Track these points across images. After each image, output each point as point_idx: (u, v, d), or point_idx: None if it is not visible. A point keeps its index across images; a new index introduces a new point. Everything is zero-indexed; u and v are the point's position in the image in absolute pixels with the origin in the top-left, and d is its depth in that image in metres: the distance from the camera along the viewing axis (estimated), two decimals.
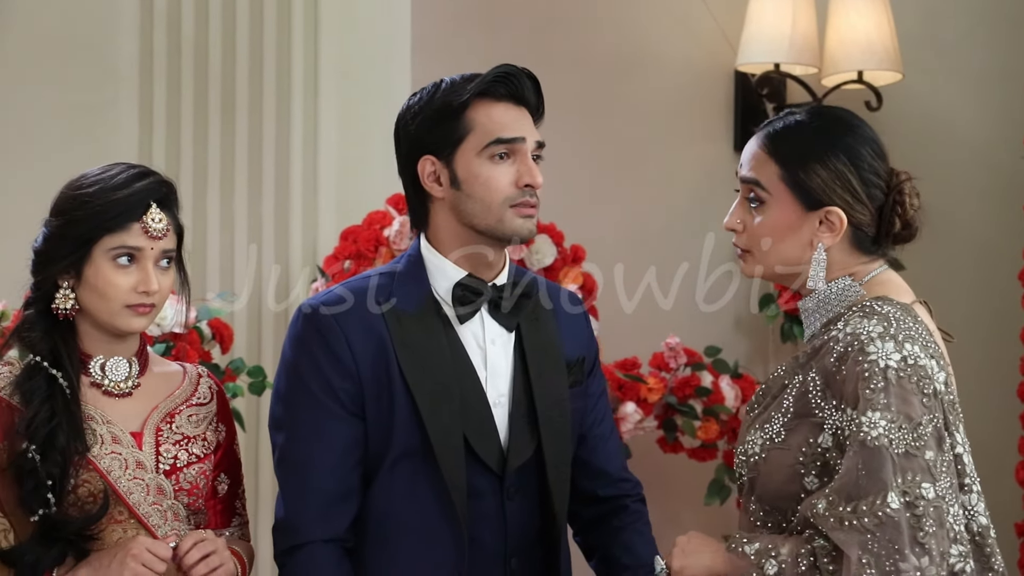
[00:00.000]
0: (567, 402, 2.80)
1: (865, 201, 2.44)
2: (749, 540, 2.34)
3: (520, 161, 2.68)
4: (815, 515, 2.26)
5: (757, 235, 2.50)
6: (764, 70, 4.74)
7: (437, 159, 2.69)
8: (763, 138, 2.51)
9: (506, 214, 2.66)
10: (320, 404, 2.66)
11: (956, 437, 2.32)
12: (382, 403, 2.66)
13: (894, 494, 2.20)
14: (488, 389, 2.72)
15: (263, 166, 4.56)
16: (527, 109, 2.72)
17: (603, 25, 4.86)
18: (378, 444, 2.67)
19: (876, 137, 2.50)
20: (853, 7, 4.69)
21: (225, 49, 4.56)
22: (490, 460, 2.69)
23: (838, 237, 2.44)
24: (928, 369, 2.30)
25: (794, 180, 2.45)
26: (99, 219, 2.58)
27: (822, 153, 2.45)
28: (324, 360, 2.67)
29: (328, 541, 2.65)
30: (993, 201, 4.84)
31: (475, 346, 2.73)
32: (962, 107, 4.96)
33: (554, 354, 2.80)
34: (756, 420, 2.46)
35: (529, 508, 2.74)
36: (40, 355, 2.60)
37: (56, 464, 2.52)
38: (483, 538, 2.68)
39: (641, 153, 4.89)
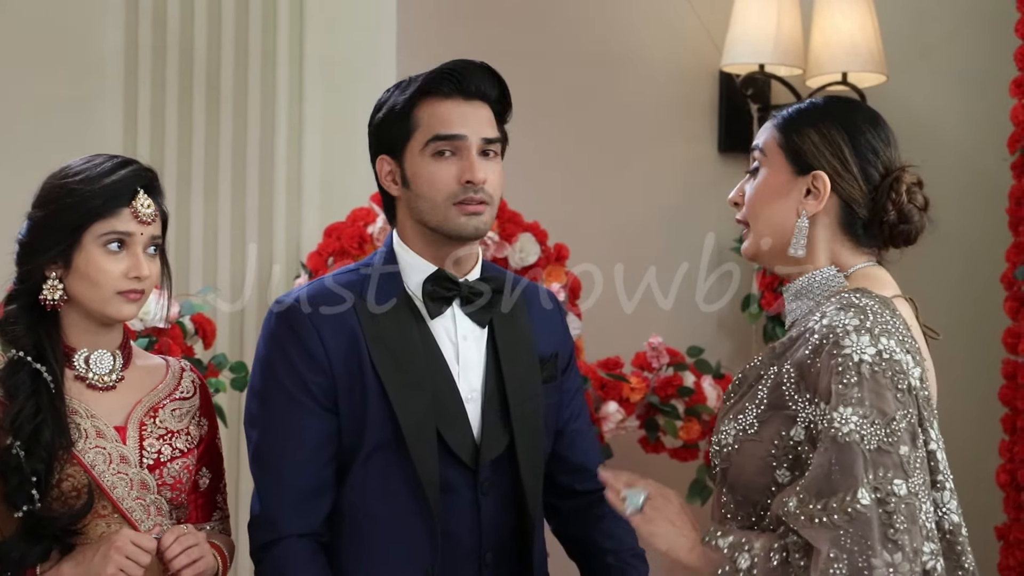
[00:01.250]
0: (540, 397, 2.81)
1: (856, 174, 2.44)
2: (723, 534, 2.35)
3: (464, 157, 2.68)
4: (786, 513, 2.25)
5: (751, 200, 2.53)
6: (749, 71, 4.76)
7: (392, 158, 2.73)
8: (775, 116, 2.55)
9: (450, 212, 2.67)
10: (293, 399, 2.67)
11: (930, 434, 2.32)
12: (354, 397, 2.67)
13: (865, 490, 2.19)
14: (460, 384, 2.73)
15: (247, 162, 4.58)
16: (483, 103, 2.73)
17: (589, 24, 4.87)
18: (351, 438, 2.68)
19: (886, 126, 2.52)
20: (838, 9, 4.72)
21: (210, 44, 4.57)
22: (463, 454, 2.70)
23: (821, 204, 2.44)
24: (903, 364, 2.29)
25: (788, 142, 2.48)
26: (89, 206, 2.59)
27: (819, 120, 2.48)
28: (296, 355, 2.68)
29: (303, 535, 2.66)
30: (976, 203, 4.85)
31: (447, 341, 2.74)
32: (946, 109, 4.98)
33: (527, 349, 2.82)
34: (731, 411, 2.46)
35: (503, 503, 2.75)
36: (24, 350, 2.60)
37: (41, 460, 2.53)
38: (458, 533, 2.70)
39: (626, 152, 4.91)
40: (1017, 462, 4.43)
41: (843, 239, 2.47)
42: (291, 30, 4.59)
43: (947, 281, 4.85)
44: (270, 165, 4.57)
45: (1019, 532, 4.40)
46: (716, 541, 2.34)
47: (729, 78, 4.89)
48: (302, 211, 4.58)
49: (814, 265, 2.48)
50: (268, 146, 4.57)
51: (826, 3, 4.75)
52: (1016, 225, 4.47)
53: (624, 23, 4.90)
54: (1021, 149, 4.42)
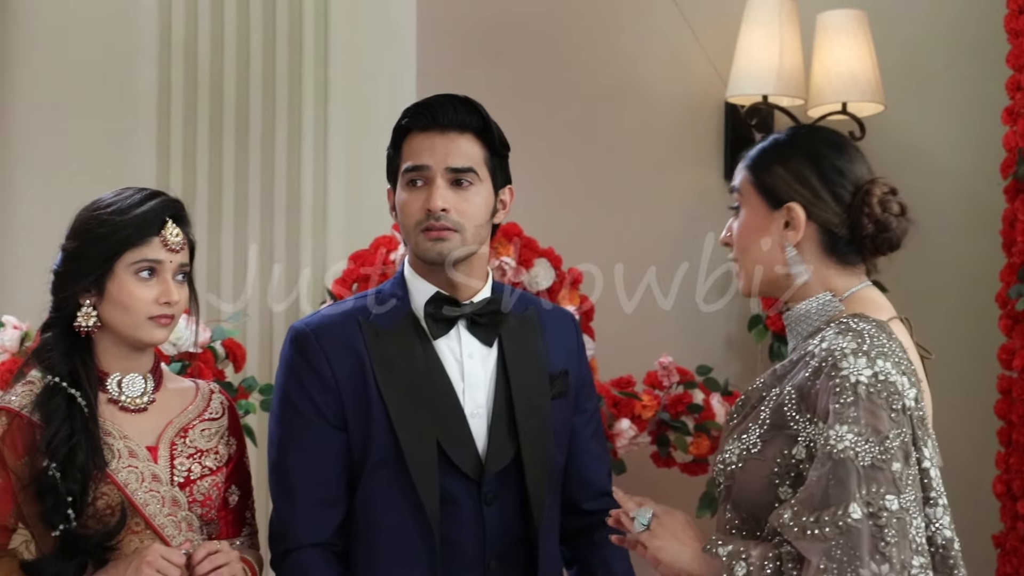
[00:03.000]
0: (548, 412, 2.86)
1: (826, 198, 2.48)
2: (723, 543, 2.39)
3: (428, 185, 2.74)
4: (781, 524, 2.30)
5: (736, 241, 2.59)
6: (753, 101, 4.77)
7: (392, 189, 2.84)
8: (744, 157, 2.60)
9: (419, 238, 2.75)
10: (304, 418, 2.76)
11: (924, 452, 2.35)
12: (360, 414, 2.75)
13: (857, 504, 2.23)
14: (465, 400, 2.79)
15: (275, 192, 4.59)
16: (460, 132, 2.76)
17: (600, 60, 4.89)
18: (359, 452, 2.76)
19: (848, 144, 2.54)
20: (838, 41, 4.74)
21: (239, 81, 4.59)
22: (466, 467, 2.76)
23: (800, 234, 2.49)
24: (899, 385, 2.32)
25: (759, 180, 2.54)
26: (120, 235, 2.66)
27: (783, 154, 2.53)
28: (306, 377, 2.77)
29: (316, 545, 2.75)
30: (972, 227, 4.87)
31: (452, 360, 2.81)
32: (942, 137, 4.99)
33: (536, 366, 2.87)
34: (735, 430, 2.49)
35: (509, 513, 2.80)
36: (59, 376, 2.66)
37: (76, 481, 2.59)
38: (461, 542, 2.76)
39: (636, 180, 4.92)
40: (1013, 473, 4.44)
41: (829, 261, 2.51)
42: (316, 67, 4.62)
43: (944, 300, 4.87)
44: (296, 196, 4.59)
45: (1015, 540, 4.41)
46: (716, 549, 2.38)
47: (734, 109, 4.90)
48: (327, 239, 4.59)
49: (809, 292, 2.52)
50: (295, 178, 4.59)
51: (826, 36, 4.77)
52: (1009, 247, 4.48)
53: (633, 58, 4.93)
54: (1013, 174, 4.44)
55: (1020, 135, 4.44)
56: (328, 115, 4.64)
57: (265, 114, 4.61)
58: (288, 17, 4.64)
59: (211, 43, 4.60)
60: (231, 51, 4.61)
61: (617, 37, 4.94)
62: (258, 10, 4.62)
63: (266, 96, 4.62)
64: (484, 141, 2.80)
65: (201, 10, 4.60)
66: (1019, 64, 4.48)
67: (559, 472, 2.91)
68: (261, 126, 4.61)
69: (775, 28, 4.72)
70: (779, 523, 2.31)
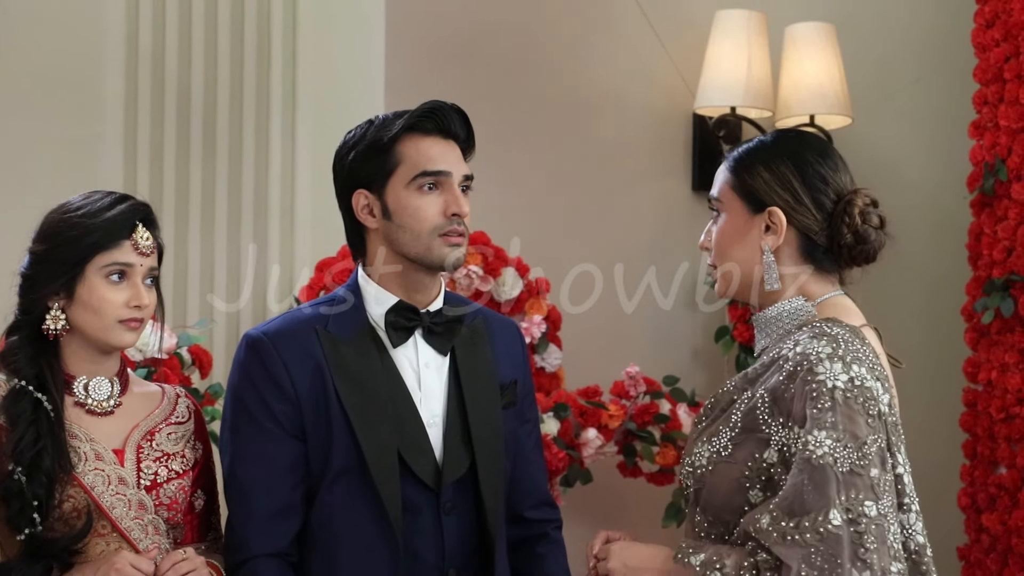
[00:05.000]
0: (500, 422, 2.85)
1: (808, 204, 2.48)
2: (695, 550, 2.38)
3: (447, 191, 2.74)
4: (758, 530, 2.29)
5: (716, 245, 2.58)
6: (721, 113, 4.80)
7: (370, 192, 2.76)
8: (727, 158, 2.60)
9: (434, 243, 2.72)
10: (261, 427, 2.72)
11: (898, 458, 2.37)
12: (320, 424, 2.72)
13: (836, 511, 2.24)
14: (422, 409, 2.78)
15: (242, 200, 4.60)
16: (455, 142, 2.78)
17: (569, 70, 4.92)
18: (318, 463, 2.73)
19: (832, 151, 2.54)
20: (806, 54, 4.77)
21: (207, 87, 4.60)
22: (425, 476, 2.75)
23: (780, 239, 2.49)
24: (874, 391, 2.33)
25: (740, 183, 2.53)
26: (91, 239, 2.65)
27: (767, 157, 2.53)
28: (264, 385, 2.73)
29: (271, 556, 2.71)
30: (938, 239, 4.91)
31: (409, 369, 2.79)
32: (909, 150, 5.05)
33: (488, 376, 2.86)
34: (704, 433, 2.49)
35: (465, 522, 2.79)
36: (26, 379, 2.65)
37: (41, 485, 2.57)
38: (421, 551, 2.74)
39: (605, 189, 4.94)
40: (978, 486, 4.49)
41: (806, 267, 2.52)
42: (284, 73, 4.64)
43: (910, 313, 4.91)
44: (264, 202, 4.60)
45: (979, 552, 4.46)
46: (688, 559, 2.37)
47: (702, 120, 4.92)
48: (295, 247, 4.61)
49: (782, 295, 2.51)
50: (262, 184, 4.61)
51: (794, 49, 4.80)
52: (975, 260, 4.54)
53: (602, 69, 4.95)
54: (980, 188, 4.49)
55: (987, 149, 4.48)
56: (296, 122, 4.66)
57: (232, 120, 4.63)
58: (256, 23, 4.66)
59: (179, 49, 4.62)
60: (199, 57, 4.62)
61: (586, 48, 4.96)
62: (226, 16, 4.63)
63: (233, 102, 4.64)
64: (464, 151, 2.82)
65: (169, 16, 4.60)
66: (986, 78, 4.52)
67: (506, 482, 2.91)
68: (228, 133, 4.63)
69: (743, 40, 4.75)
70: (755, 528, 2.31)
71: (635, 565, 2.48)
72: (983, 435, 4.50)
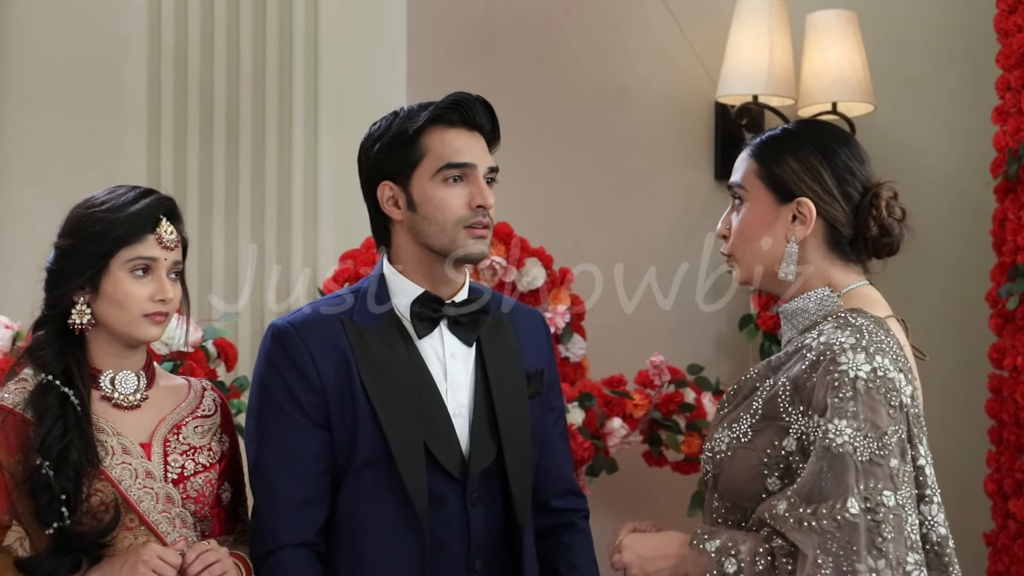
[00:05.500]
0: (526, 411, 2.86)
1: (837, 196, 2.48)
2: (710, 537, 2.39)
3: (472, 183, 2.74)
4: (774, 516, 2.30)
5: (738, 234, 2.57)
6: (743, 101, 4.81)
7: (395, 184, 2.77)
8: (749, 145, 2.60)
9: (459, 235, 2.73)
10: (287, 416, 2.74)
11: (919, 449, 2.36)
12: (346, 414, 2.73)
13: (854, 499, 2.25)
14: (448, 400, 2.79)
15: (266, 193, 4.61)
16: (480, 134, 2.79)
17: (591, 60, 4.92)
18: (343, 453, 2.74)
19: (857, 143, 2.55)
20: (827, 42, 4.77)
21: (229, 81, 4.61)
22: (451, 467, 2.75)
23: (809, 229, 2.49)
24: (896, 382, 2.34)
25: (767, 172, 2.53)
26: (116, 233, 2.66)
27: (795, 147, 2.52)
28: (290, 375, 2.74)
29: (297, 546, 2.72)
30: (962, 226, 4.91)
31: (435, 359, 2.80)
32: (931, 136, 5.04)
33: (514, 367, 2.87)
34: (725, 419, 2.50)
35: (492, 512, 2.80)
36: (52, 374, 2.66)
37: (69, 479, 2.58)
38: (447, 541, 2.75)
39: (627, 181, 4.94)
40: (1004, 472, 4.48)
41: (832, 258, 2.52)
42: (306, 67, 4.64)
43: (935, 299, 4.91)
44: (287, 196, 4.62)
45: (1007, 539, 4.45)
46: (704, 545, 2.39)
47: (724, 109, 4.93)
48: (318, 239, 4.63)
49: (808, 286, 2.52)
50: (285, 177, 4.62)
51: (816, 37, 4.80)
52: (1000, 246, 4.52)
53: (625, 59, 4.95)
54: (1003, 173, 4.48)
55: (1010, 135, 4.47)
56: (318, 114, 4.66)
57: (255, 114, 4.64)
58: (278, 17, 4.66)
59: (201, 43, 4.62)
60: (221, 51, 4.63)
61: (607, 38, 4.96)
62: (248, 10, 4.64)
63: (256, 96, 4.64)
64: (490, 143, 2.83)
65: (191, 11, 4.61)
66: (1009, 64, 4.51)
67: (533, 472, 2.91)
68: (251, 126, 4.63)
69: (765, 28, 4.74)
70: (772, 514, 2.32)
71: (648, 555, 2.49)
72: (1009, 421, 4.48)
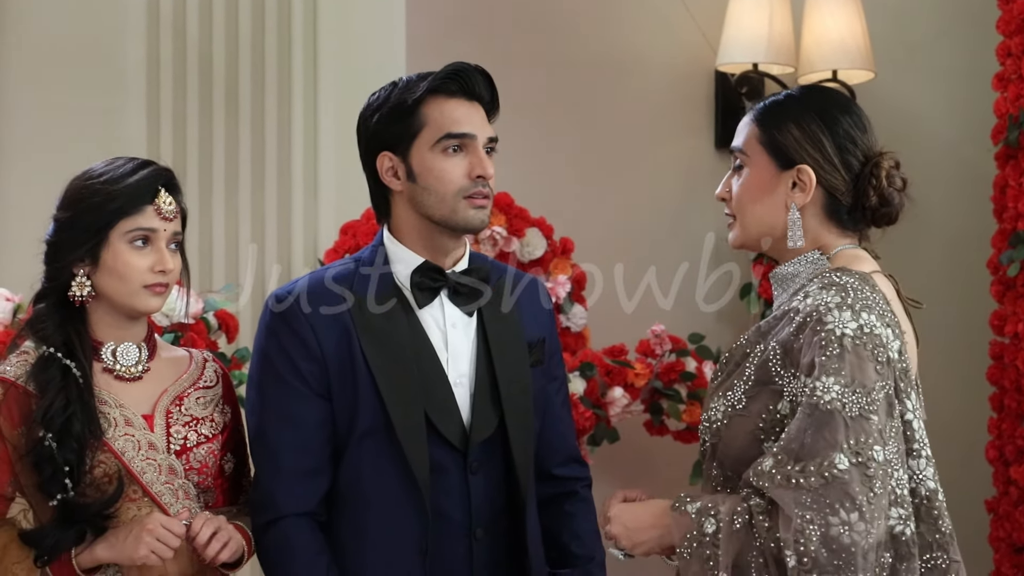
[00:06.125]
0: (528, 380, 2.86)
1: (838, 165, 2.48)
2: (692, 500, 2.40)
3: (472, 153, 2.75)
4: (759, 472, 2.31)
5: (738, 197, 2.57)
6: (743, 70, 4.81)
7: (394, 154, 2.77)
8: (752, 110, 2.59)
9: (459, 204, 2.73)
10: (288, 386, 2.74)
11: (907, 404, 2.38)
12: (346, 384, 2.74)
13: (843, 455, 2.25)
14: (449, 370, 2.79)
15: (265, 165, 4.62)
16: (480, 104, 2.79)
17: (590, 30, 4.92)
18: (344, 422, 2.74)
19: (861, 113, 2.54)
20: (827, 9, 4.76)
21: (228, 54, 4.62)
22: (452, 436, 2.76)
23: (808, 196, 2.49)
24: (883, 337, 2.34)
25: (769, 139, 2.52)
26: (115, 204, 2.66)
27: (797, 114, 2.51)
28: (290, 345, 2.75)
29: (300, 515, 2.73)
30: (963, 193, 4.92)
31: (435, 329, 2.80)
32: (932, 103, 5.04)
33: (515, 335, 2.87)
34: (719, 388, 2.50)
35: (494, 481, 2.81)
36: (54, 346, 2.66)
37: (72, 451, 2.59)
38: (448, 510, 2.75)
39: (627, 150, 4.95)
40: (1005, 438, 4.49)
41: (829, 225, 2.52)
42: (305, 39, 4.64)
43: (935, 266, 4.91)
44: (287, 167, 4.62)
45: (1008, 505, 4.46)
46: (685, 507, 2.39)
47: (724, 77, 4.93)
48: (319, 210, 4.62)
49: (801, 251, 2.52)
50: (285, 149, 4.62)
51: (816, 4, 4.79)
52: (1000, 213, 4.52)
53: (623, 28, 4.95)
54: (1004, 140, 4.47)
55: (1011, 101, 4.47)
56: (317, 86, 4.67)
57: (255, 86, 4.65)
58: None
59: (199, 17, 4.62)
60: (220, 24, 4.63)
61: (606, 7, 4.96)
62: None
63: (255, 68, 4.65)
64: (489, 112, 2.82)
65: None
66: (1009, 30, 4.50)
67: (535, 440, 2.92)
68: (251, 98, 4.64)
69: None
70: (756, 471, 2.33)
71: (635, 526, 2.50)
72: (1010, 388, 4.49)
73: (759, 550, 2.32)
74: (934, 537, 2.40)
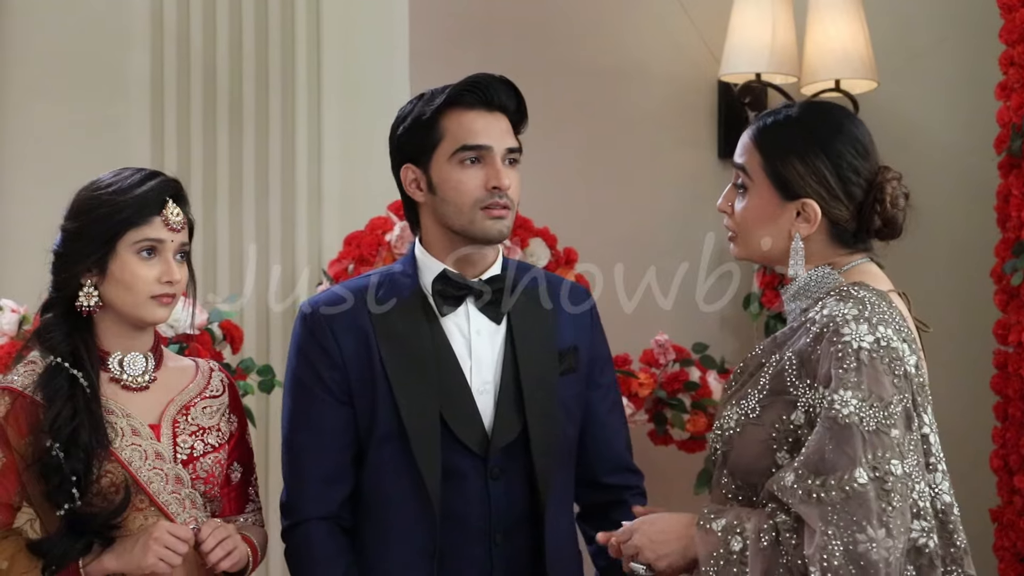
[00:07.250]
0: (555, 387, 2.87)
1: (842, 198, 2.47)
2: (717, 515, 2.39)
3: (489, 165, 2.78)
4: (782, 488, 2.31)
5: (741, 220, 2.56)
6: (746, 80, 4.77)
7: (416, 166, 2.83)
8: (754, 129, 2.57)
9: (476, 215, 2.77)
10: (311, 394, 2.82)
11: (924, 418, 2.38)
12: (366, 388, 2.80)
13: (862, 469, 2.25)
14: (472, 377, 2.83)
15: (269, 175, 4.63)
16: (503, 114, 2.82)
17: (593, 40, 4.90)
18: (365, 426, 2.81)
19: (862, 135, 2.52)
20: (830, 19, 4.74)
21: (232, 64, 4.63)
22: (471, 443, 2.80)
23: (813, 228, 2.49)
24: (900, 351, 2.35)
25: (773, 170, 2.50)
26: (123, 215, 2.68)
27: (801, 148, 2.49)
28: (313, 353, 2.82)
29: (323, 519, 2.81)
30: (966, 202, 4.87)
31: (459, 336, 2.84)
32: (935, 112, 5.00)
33: (543, 340, 2.89)
34: (733, 396, 2.51)
35: (515, 488, 2.83)
36: (61, 356, 2.68)
37: (79, 460, 2.61)
38: (466, 516, 2.80)
39: (630, 160, 4.93)
40: (1009, 447, 4.46)
41: (835, 247, 2.52)
42: (309, 50, 4.65)
43: (939, 275, 4.88)
44: (291, 178, 4.63)
45: (1012, 514, 4.43)
46: (710, 524, 2.39)
47: (727, 87, 4.90)
48: (322, 221, 4.63)
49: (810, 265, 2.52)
50: (289, 160, 4.63)
51: (819, 14, 4.77)
52: (1004, 222, 4.48)
53: (626, 38, 4.93)
54: (1007, 149, 4.44)
55: (1014, 110, 4.45)
56: (321, 97, 4.68)
57: (259, 97, 4.66)
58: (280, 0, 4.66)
59: (203, 27, 4.64)
60: (223, 35, 4.65)
61: (609, 16, 4.95)
62: None
63: (259, 79, 4.66)
64: (515, 122, 2.86)
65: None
66: (1012, 39, 4.49)
67: (571, 447, 2.93)
68: (255, 109, 4.66)
69: (767, 5, 4.72)
70: (779, 486, 2.33)
71: (658, 538, 2.49)
72: (1014, 396, 4.47)
73: (786, 568, 2.32)
74: (948, 551, 2.40)
